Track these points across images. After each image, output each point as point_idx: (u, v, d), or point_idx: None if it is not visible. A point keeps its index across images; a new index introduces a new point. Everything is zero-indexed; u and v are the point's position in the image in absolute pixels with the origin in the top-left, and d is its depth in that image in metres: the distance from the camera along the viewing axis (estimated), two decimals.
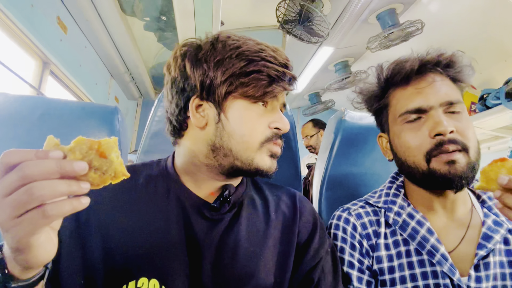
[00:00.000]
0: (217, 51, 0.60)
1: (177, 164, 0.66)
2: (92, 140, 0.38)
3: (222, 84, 0.58)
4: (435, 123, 0.64)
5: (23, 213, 0.35)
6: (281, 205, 0.69)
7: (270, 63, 0.59)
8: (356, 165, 0.99)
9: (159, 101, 0.95)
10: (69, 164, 0.36)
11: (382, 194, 0.77)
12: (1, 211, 0.35)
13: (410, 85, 0.69)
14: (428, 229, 0.68)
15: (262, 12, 2.61)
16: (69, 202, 0.36)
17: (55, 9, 2.09)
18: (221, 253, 0.59)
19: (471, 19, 2.22)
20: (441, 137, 0.64)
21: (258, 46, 0.60)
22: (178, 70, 0.62)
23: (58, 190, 0.35)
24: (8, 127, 0.89)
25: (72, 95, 2.57)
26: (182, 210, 0.61)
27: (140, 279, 0.54)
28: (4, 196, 0.35)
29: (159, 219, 0.59)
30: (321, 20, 2.14)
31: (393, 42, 2.28)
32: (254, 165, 0.60)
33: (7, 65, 1.71)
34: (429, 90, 0.67)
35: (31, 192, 0.34)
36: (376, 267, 0.69)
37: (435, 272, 0.64)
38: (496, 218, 0.68)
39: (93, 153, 0.38)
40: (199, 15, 2.06)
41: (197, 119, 0.61)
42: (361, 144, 1.00)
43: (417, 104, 0.67)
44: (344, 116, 1.00)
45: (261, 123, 0.61)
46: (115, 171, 0.39)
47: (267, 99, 0.61)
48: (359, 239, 0.71)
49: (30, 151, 0.36)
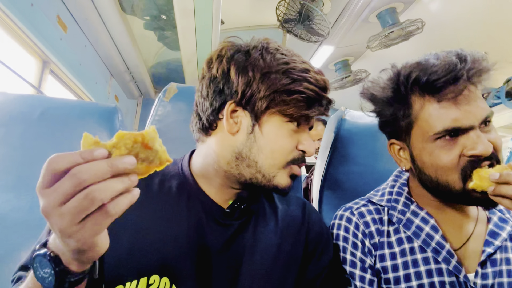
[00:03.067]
0: (265, 62, 0.59)
1: (194, 164, 0.66)
2: (134, 133, 0.38)
3: (265, 98, 0.58)
4: (473, 143, 0.60)
5: (84, 217, 0.35)
6: (290, 214, 0.70)
7: (312, 85, 0.59)
8: (356, 164, 0.99)
9: (159, 100, 0.95)
10: (120, 162, 0.36)
11: (385, 192, 0.77)
12: (59, 218, 0.35)
13: (444, 97, 0.62)
14: (433, 226, 0.67)
15: (262, 11, 2.60)
16: (126, 198, 0.37)
17: (55, 8, 2.08)
18: (228, 258, 0.60)
19: (472, 18, 2.21)
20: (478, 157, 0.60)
21: (303, 66, 0.60)
22: (221, 70, 0.61)
23: (116, 190, 0.36)
24: (8, 126, 0.89)
25: (72, 94, 2.57)
26: (195, 212, 0.61)
27: (152, 276, 0.55)
28: (61, 203, 0.35)
29: (172, 220, 0.60)
30: (321, 19, 2.13)
31: (393, 41, 2.28)
32: (274, 182, 0.60)
33: (7, 64, 1.71)
34: (468, 107, 0.60)
35: (92, 196, 0.34)
36: (379, 266, 0.69)
37: (440, 270, 0.64)
38: (501, 215, 0.69)
39: (139, 146, 0.39)
40: (199, 14, 2.05)
41: (229, 124, 0.60)
42: (361, 143, 1.00)
43: (457, 124, 0.60)
44: (344, 115, 1.00)
45: (291, 143, 0.60)
46: (160, 159, 0.40)
47: (302, 120, 0.61)
48: (361, 238, 0.71)
49: (74, 154, 0.35)
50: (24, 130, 0.89)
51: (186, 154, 0.70)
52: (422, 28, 2.16)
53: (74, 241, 0.36)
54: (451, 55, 0.62)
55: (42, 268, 0.40)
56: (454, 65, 0.61)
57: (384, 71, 0.70)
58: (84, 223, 0.35)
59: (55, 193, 0.35)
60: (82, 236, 0.36)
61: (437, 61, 0.62)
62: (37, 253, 0.40)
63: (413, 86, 0.65)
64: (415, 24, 2.14)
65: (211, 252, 0.59)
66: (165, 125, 0.92)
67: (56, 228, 0.36)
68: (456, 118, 0.60)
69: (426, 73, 0.62)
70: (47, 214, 0.35)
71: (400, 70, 0.67)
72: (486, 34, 2.28)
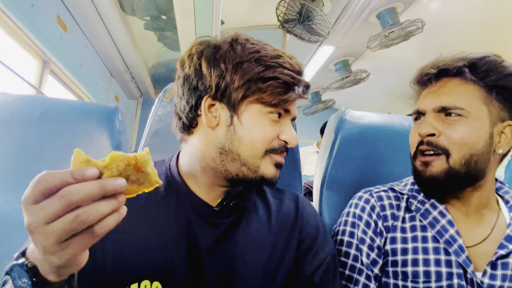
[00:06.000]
0: (236, 53, 0.59)
1: (182, 164, 0.65)
2: (128, 156, 0.38)
3: (239, 88, 0.58)
4: (420, 125, 0.70)
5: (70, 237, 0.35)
6: (283, 209, 0.69)
7: (287, 70, 0.59)
8: (356, 164, 0.99)
9: (159, 100, 0.95)
10: (111, 185, 0.36)
11: (408, 183, 0.79)
12: (44, 237, 0.35)
13: (427, 87, 0.73)
14: (449, 221, 0.69)
15: (262, 11, 2.60)
16: (113, 218, 0.37)
17: (55, 8, 2.08)
18: (220, 257, 0.59)
19: (472, 18, 2.21)
20: (421, 138, 0.69)
21: (276, 52, 0.60)
22: (193, 67, 0.61)
23: (104, 212, 0.36)
24: (8, 127, 0.89)
25: (72, 95, 2.57)
26: (184, 212, 0.61)
27: (143, 282, 0.54)
28: (47, 223, 0.34)
29: (161, 222, 0.59)
30: (321, 19, 2.13)
31: (393, 41, 2.28)
32: (260, 173, 0.60)
33: (7, 64, 1.71)
34: (429, 94, 0.71)
35: (80, 219, 0.34)
36: (389, 247, 0.71)
37: (450, 261, 0.66)
38: None
39: (131, 169, 0.39)
40: (199, 14, 2.06)
41: (208, 119, 0.60)
42: (362, 143, 1.00)
43: (417, 107, 0.73)
44: (345, 115, 1.00)
45: (272, 132, 0.60)
46: (150, 181, 0.40)
47: (281, 107, 0.60)
48: (375, 218, 0.74)
49: (66, 173, 0.35)
50: (24, 130, 0.89)
51: (174, 155, 0.69)
52: (422, 28, 2.16)
53: (56, 259, 0.36)
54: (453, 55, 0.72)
55: (20, 277, 0.39)
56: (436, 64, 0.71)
57: None
58: (69, 243, 0.35)
59: (43, 212, 0.34)
60: (65, 255, 0.36)
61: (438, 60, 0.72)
62: (15, 263, 0.40)
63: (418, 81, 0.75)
64: (415, 24, 2.13)
65: (201, 252, 0.58)
66: (165, 126, 0.92)
67: (39, 245, 0.35)
68: (420, 102, 0.72)
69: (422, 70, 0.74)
70: (31, 231, 0.35)
71: None
72: (486, 34, 2.28)
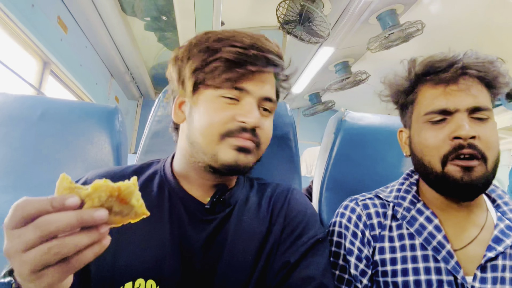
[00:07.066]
0: (191, 46, 0.61)
1: (175, 164, 0.67)
2: (111, 186, 0.37)
3: (190, 76, 0.59)
4: (457, 126, 0.63)
5: (45, 268, 0.34)
6: (273, 200, 0.68)
7: (233, 47, 0.57)
8: (356, 166, 0.99)
9: (159, 101, 0.95)
10: (89, 216, 0.34)
11: (393, 189, 0.78)
12: (20, 265, 0.34)
13: (440, 85, 0.67)
14: (436, 226, 0.68)
15: (263, 12, 2.61)
16: (92, 250, 0.35)
17: (55, 9, 2.09)
18: (211, 253, 0.59)
19: (472, 20, 2.22)
20: (460, 141, 0.62)
21: (225, 34, 0.59)
22: (169, 74, 0.66)
23: (81, 245, 0.34)
24: (8, 127, 0.89)
25: (72, 95, 2.57)
26: (177, 211, 0.61)
27: (137, 280, 0.54)
28: (23, 251, 0.33)
29: (154, 222, 0.59)
30: (322, 21, 2.14)
31: (393, 43, 2.28)
32: (219, 161, 0.58)
33: (8, 64, 1.71)
34: (458, 92, 0.65)
35: (55, 252, 0.33)
36: (378, 258, 0.69)
37: (439, 269, 0.65)
38: (509, 223, 0.68)
39: (113, 200, 0.37)
40: (199, 15, 2.06)
41: (176, 114, 0.64)
42: (361, 145, 1.00)
43: (443, 105, 0.65)
44: (344, 116, 1.00)
45: (224, 114, 0.58)
46: (135, 213, 0.39)
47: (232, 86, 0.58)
48: (362, 228, 0.72)
49: (45, 200, 0.34)
50: (24, 130, 0.89)
51: (170, 155, 0.70)
52: (422, 30, 2.16)
53: (34, 286, 0.35)
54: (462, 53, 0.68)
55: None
56: (455, 56, 0.66)
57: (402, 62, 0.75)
58: (44, 273, 0.34)
59: (19, 239, 0.33)
60: (41, 283, 0.35)
61: (445, 56, 0.68)
62: (1, 281, 0.39)
63: (419, 76, 0.70)
64: (415, 26, 2.14)
65: (193, 249, 0.58)
66: (165, 126, 0.92)
67: (17, 271, 0.35)
68: (444, 101, 0.65)
69: (431, 65, 0.68)
70: (9, 256, 0.34)
71: (416, 62, 0.72)
72: (486, 36, 2.29)
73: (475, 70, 0.65)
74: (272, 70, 0.62)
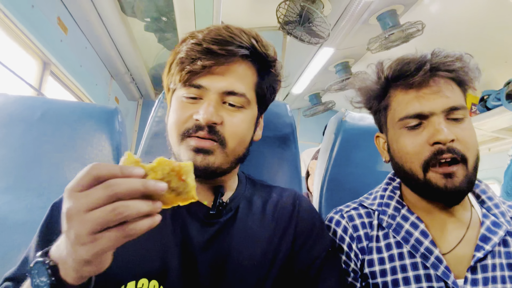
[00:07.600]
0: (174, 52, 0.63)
1: None
2: (173, 162, 0.41)
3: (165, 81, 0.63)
4: (435, 130, 0.62)
5: (103, 230, 0.36)
6: (279, 206, 0.68)
7: (192, 45, 0.57)
8: (356, 166, 0.99)
9: (159, 101, 0.95)
10: (153, 185, 0.38)
11: (377, 196, 0.77)
12: (80, 224, 0.35)
13: (412, 88, 0.66)
14: (422, 231, 0.67)
15: (263, 13, 2.61)
16: (147, 221, 0.38)
17: (55, 10, 2.09)
18: (214, 255, 0.59)
19: (472, 20, 2.22)
20: (439, 146, 0.62)
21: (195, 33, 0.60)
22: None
23: (141, 211, 0.37)
24: (8, 128, 0.89)
25: (73, 96, 2.57)
26: (180, 214, 0.61)
27: (141, 280, 0.54)
28: (88, 210, 0.35)
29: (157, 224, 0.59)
30: (322, 21, 2.14)
31: (393, 43, 2.28)
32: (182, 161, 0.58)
33: (8, 65, 1.71)
34: (431, 95, 0.64)
35: (118, 212, 0.35)
36: (368, 271, 0.68)
37: (429, 275, 0.64)
38: (495, 219, 0.67)
39: (174, 175, 0.40)
40: (199, 15, 2.06)
41: (167, 116, 0.67)
42: (362, 145, 1.00)
43: (418, 109, 0.64)
44: (345, 117, 1.00)
45: (183, 113, 0.58)
46: (187, 193, 0.41)
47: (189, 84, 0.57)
48: (348, 241, 0.71)
49: (116, 167, 0.37)
50: (24, 131, 0.89)
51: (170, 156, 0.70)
52: (422, 30, 2.16)
53: (85, 251, 0.36)
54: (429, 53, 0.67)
55: (39, 276, 0.39)
56: (423, 57, 0.65)
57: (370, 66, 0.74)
58: (101, 235, 0.36)
59: (86, 198, 0.35)
60: (95, 248, 0.36)
61: (413, 57, 0.67)
62: (38, 260, 0.40)
63: (390, 80, 0.70)
64: (415, 26, 2.14)
65: (195, 251, 0.58)
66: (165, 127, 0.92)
67: (72, 232, 0.36)
68: (418, 105, 0.65)
69: (399, 68, 0.67)
70: (70, 217, 0.36)
71: (384, 66, 0.71)
72: (486, 36, 2.28)
73: (445, 71, 0.65)
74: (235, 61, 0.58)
